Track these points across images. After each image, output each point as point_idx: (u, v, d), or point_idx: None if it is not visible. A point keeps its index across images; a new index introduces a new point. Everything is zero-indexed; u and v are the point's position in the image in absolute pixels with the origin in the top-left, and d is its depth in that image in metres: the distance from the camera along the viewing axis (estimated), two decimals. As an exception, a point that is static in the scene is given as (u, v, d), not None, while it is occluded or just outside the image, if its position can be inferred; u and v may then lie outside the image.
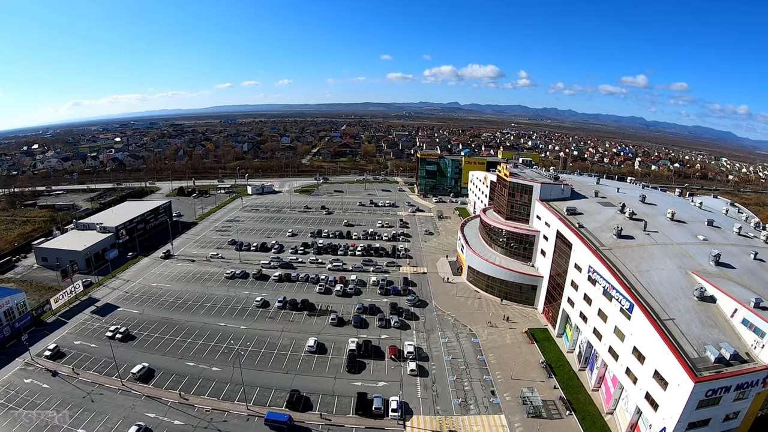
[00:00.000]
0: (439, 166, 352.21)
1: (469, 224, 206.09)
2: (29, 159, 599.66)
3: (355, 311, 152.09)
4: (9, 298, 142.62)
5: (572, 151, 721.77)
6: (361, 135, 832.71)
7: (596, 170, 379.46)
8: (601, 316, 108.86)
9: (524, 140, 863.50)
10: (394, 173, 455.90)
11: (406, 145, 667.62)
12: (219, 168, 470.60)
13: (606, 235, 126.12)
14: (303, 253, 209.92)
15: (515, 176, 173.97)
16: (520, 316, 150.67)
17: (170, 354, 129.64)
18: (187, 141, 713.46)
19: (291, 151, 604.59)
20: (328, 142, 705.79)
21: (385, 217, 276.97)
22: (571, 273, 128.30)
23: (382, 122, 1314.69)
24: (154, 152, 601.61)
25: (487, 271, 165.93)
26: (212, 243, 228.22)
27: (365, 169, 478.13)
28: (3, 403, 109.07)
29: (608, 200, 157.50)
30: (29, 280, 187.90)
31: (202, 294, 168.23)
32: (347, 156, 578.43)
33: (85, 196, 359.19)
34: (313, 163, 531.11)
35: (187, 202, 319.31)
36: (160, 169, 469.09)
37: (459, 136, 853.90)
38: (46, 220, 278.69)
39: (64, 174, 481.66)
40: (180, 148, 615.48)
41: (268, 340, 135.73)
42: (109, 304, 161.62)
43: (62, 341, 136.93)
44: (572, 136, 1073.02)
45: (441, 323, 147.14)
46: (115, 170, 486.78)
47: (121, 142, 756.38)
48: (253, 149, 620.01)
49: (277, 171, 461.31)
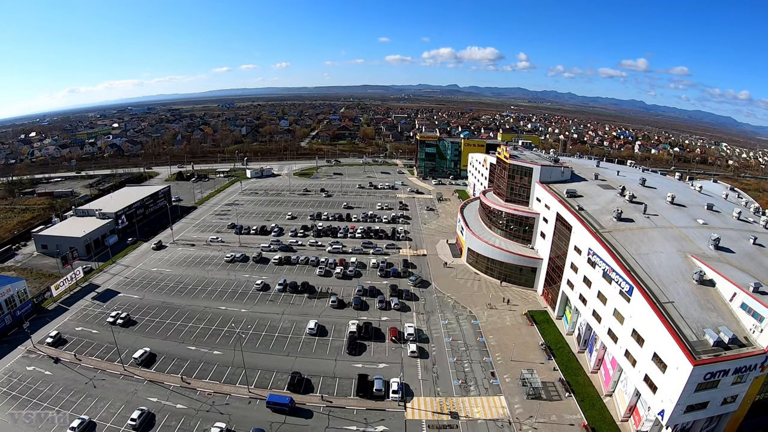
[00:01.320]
0: (438, 148, 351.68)
1: (468, 206, 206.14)
2: (27, 147, 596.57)
3: (356, 293, 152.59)
4: (10, 286, 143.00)
5: (572, 134, 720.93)
6: (360, 118, 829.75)
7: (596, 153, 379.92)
8: (600, 298, 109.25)
9: (524, 123, 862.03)
10: (393, 156, 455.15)
11: (405, 127, 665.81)
12: (217, 152, 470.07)
13: (606, 217, 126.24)
14: (303, 236, 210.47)
15: (515, 158, 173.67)
16: (520, 298, 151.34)
17: (171, 338, 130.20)
18: (185, 126, 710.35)
19: (289, 134, 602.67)
20: (326, 125, 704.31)
21: (384, 199, 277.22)
22: (571, 255, 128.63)
23: (380, 105, 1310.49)
24: (152, 137, 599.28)
25: (486, 253, 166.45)
26: (212, 227, 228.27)
27: (364, 151, 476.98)
28: (6, 391, 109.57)
29: (608, 183, 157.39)
30: (29, 267, 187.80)
31: (202, 278, 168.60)
32: (346, 139, 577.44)
33: (84, 182, 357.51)
34: (312, 146, 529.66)
35: (186, 187, 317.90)
36: (158, 154, 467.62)
37: (458, 119, 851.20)
38: (45, 207, 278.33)
39: (62, 161, 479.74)
40: (178, 133, 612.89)
41: (269, 323, 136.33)
42: (109, 290, 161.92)
43: (64, 328, 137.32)
44: (572, 119, 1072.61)
45: (441, 305, 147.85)
46: (113, 156, 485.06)
47: (118, 128, 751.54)
48: (251, 133, 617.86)
49: (275, 154, 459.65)
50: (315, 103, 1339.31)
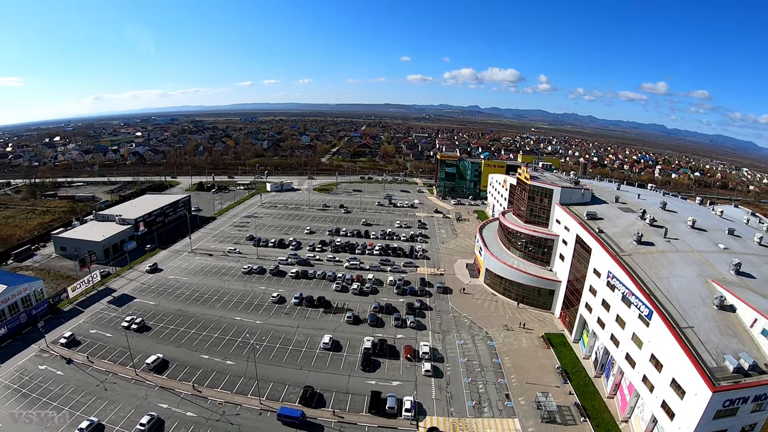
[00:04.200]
0: (458, 168, 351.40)
1: (487, 227, 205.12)
2: (51, 151, 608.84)
3: (372, 310, 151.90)
4: (26, 286, 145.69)
5: (592, 157, 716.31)
6: (381, 136, 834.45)
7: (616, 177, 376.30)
8: (619, 322, 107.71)
9: (544, 145, 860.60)
10: (413, 174, 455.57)
11: (425, 146, 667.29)
12: (238, 164, 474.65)
13: (626, 240, 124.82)
14: (320, 251, 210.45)
15: (535, 179, 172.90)
16: (537, 321, 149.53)
17: (185, 346, 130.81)
18: (208, 137, 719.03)
19: (310, 149, 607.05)
20: (347, 142, 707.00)
21: (403, 217, 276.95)
22: (590, 278, 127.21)
23: (402, 123, 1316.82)
24: (174, 147, 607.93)
25: (504, 274, 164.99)
26: (230, 238, 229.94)
27: (384, 169, 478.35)
28: (16, 388, 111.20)
29: (629, 206, 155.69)
30: (47, 268, 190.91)
31: (218, 288, 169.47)
32: (366, 156, 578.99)
33: (105, 188, 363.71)
34: (333, 162, 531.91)
35: (206, 197, 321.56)
36: (180, 164, 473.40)
37: (479, 139, 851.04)
38: (66, 210, 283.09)
39: (84, 166, 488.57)
40: (200, 144, 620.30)
41: (284, 336, 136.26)
42: (125, 295, 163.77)
43: (78, 329, 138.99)
44: (592, 142, 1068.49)
45: (457, 325, 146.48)
46: (135, 164, 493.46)
47: (141, 137, 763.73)
48: (272, 147, 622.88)
49: (296, 169, 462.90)
50: (336, 120, 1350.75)
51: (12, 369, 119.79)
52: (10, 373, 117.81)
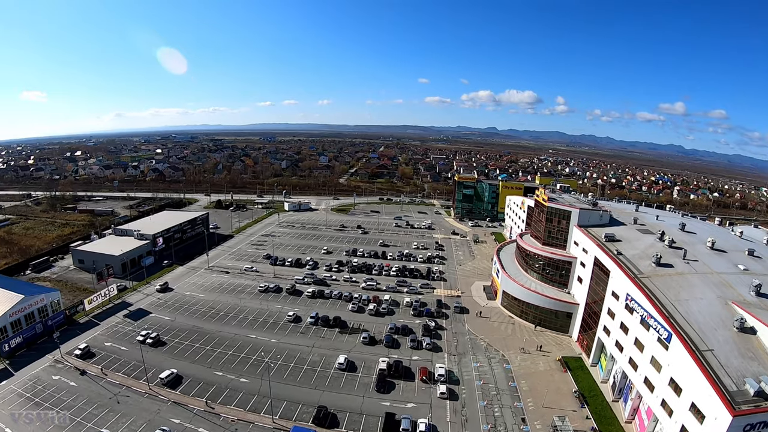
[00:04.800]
0: (476, 190, 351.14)
1: (505, 249, 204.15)
2: (72, 165, 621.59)
3: (387, 331, 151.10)
4: (44, 296, 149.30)
5: (610, 178, 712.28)
6: (399, 157, 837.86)
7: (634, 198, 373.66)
8: (637, 345, 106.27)
9: (562, 167, 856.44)
10: (430, 196, 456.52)
11: (443, 168, 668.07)
12: (257, 183, 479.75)
13: (645, 262, 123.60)
14: (337, 271, 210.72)
15: (553, 201, 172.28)
16: (554, 344, 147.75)
17: (199, 362, 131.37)
18: (227, 156, 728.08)
19: (329, 170, 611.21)
20: (365, 163, 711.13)
21: (420, 239, 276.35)
22: (608, 301, 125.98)
23: (419, 145, 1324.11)
24: (193, 165, 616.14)
25: (522, 297, 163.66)
26: (247, 256, 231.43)
27: (402, 190, 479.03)
28: (29, 397, 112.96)
29: (647, 227, 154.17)
30: (65, 280, 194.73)
31: (234, 305, 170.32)
32: (384, 177, 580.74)
33: (125, 203, 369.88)
34: (351, 182, 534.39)
35: (224, 215, 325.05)
36: (198, 181, 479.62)
37: (496, 161, 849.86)
38: (85, 224, 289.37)
39: (104, 181, 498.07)
40: (219, 163, 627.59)
41: (298, 355, 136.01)
42: (141, 309, 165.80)
43: (93, 342, 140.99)
44: (610, 164, 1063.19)
45: (473, 347, 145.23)
46: (154, 180, 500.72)
47: (162, 154, 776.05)
48: (291, 167, 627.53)
49: (314, 189, 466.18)
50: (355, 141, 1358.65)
51: (26, 378, 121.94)
52: (23, 382, 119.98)
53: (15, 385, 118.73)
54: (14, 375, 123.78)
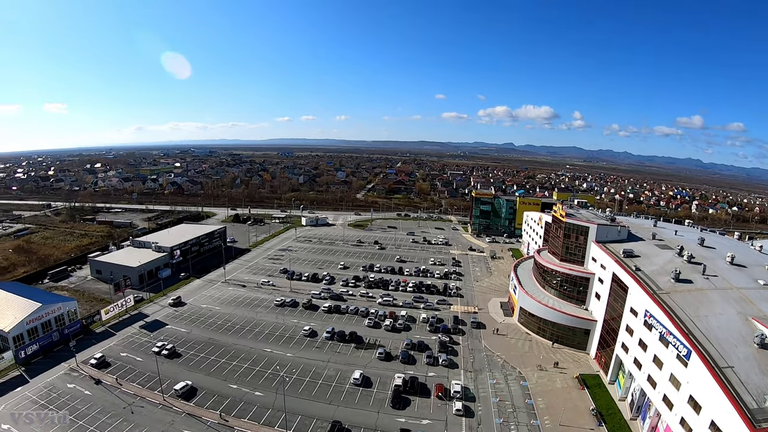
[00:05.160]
0: (493, 206, 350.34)
1: (522, 265, 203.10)
2: (91, 176, 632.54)
3: (404, 347, 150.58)
4: (61, 305, 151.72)
5: (628, 193, 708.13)
6: (416, 173, 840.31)
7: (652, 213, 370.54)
8: (656, 362, 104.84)
9: (579, 182, 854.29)
10: (448, 212, 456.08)
11: (460, 184, 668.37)
12: (274, 198, 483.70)
13: (663, 278, 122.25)
14: (354, 286, 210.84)
15: (571, 217, 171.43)
16: (572, 361, 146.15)
17: (214, 375, 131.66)
18: (245, 170, 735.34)
19: (346, 185, 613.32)
20: (382, 179, 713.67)
21: (437, 254, 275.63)
22: (627, 317, 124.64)
23: (437, 161, 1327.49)
24: (212, 179, 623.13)
25: (539, 313, 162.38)
26: (264, 270, 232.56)
27: (419, 206, 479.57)
28: (43, 404, 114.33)
29: (666, 243, 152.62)
30: (82, 290, 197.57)
31: (250, 319, 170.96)
32: (402, 193, 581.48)
33: (143, 215, 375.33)
34: (368, 198, 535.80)
35: (241, 229, 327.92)
36: (216, 195, 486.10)
37: (513, 177, 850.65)
38: (104, 235, 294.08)
39: (123, 193, 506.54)
40: (237, 177, 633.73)
41: (314, 370, 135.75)
42: (158, 321, 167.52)
43: (109, 351, 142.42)
44: (628, 179, 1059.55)
45: (490, 364, 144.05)
46: (173, 193, 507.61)
47: (180, 168, 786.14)
48: (308, 182, 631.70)
49: (331, 204, 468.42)
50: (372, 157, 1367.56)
51: (41, 385, 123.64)
52: (38, 389, 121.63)
53: (30, 391, 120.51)
54: (29, 382, 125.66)
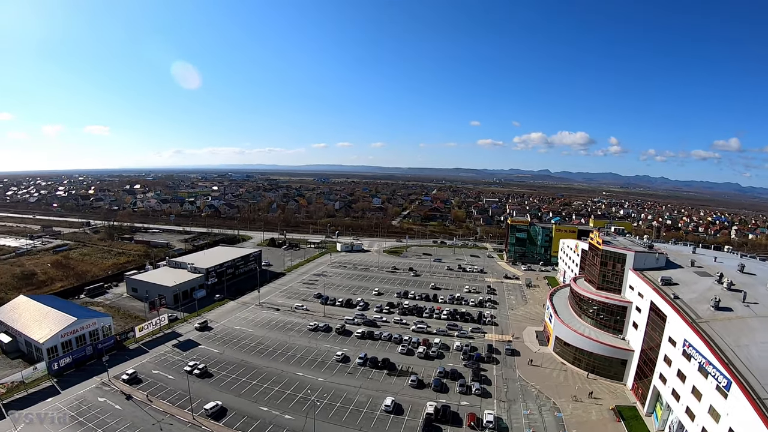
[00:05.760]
0: (529, 233, 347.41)
1: (558, 293, 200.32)
2: (131, 197, 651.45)
3: (436, 375, 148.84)
4: (96, 320, 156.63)
5: (666, 220, 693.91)
6: (452, 200, 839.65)
7: (691, 239, 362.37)
8: (695, 394, 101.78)
9: (616, 209, 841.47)
10: (483, 239, 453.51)
11: (496, 211, 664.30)
12: (310, 223, 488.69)
13: (702, 306, 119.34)
14: (388, 313, 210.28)
15: (608, 244, 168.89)
16: (607, 392, 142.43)
17: (245, 396, 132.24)
18: (281, 195, 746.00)
19: (381, 212, 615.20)
20: (418, 206, 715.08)
21: (472, 282, 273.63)
22: (665, 347, 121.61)
23: (472, 188, 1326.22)
24: (248, 203, 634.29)
25: (575, 343, 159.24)
26: (298, 294, 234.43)
27: (455, 233, 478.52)
28: (73, 416, 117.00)
29: (705, 270, 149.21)
30: (118, 307, 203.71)
31: (283, 342, 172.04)
32: (437, 220, 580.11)
33: (180, 236, 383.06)
34: (403, 225, 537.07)
35: (277, 253, 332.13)
36: (253, 219, 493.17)
37: (549, 204, 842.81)
38: (141, 254, 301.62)
39: (161, 214, 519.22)
40: (274, 202, 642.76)
41: (345, 395, 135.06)
42: (190, 340, 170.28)
43: (141, 368, 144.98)
44: (665, 205, 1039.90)
45: (524, 394, 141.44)
46: (210, 216, 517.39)
47: (218, 191, 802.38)
48: (344, 208, 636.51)
49: (366, 230, 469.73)
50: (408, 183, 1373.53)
51: (72, 397, 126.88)
52: (69, 401, 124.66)
53: (61, 403, 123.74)
54: (60, 393, 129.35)
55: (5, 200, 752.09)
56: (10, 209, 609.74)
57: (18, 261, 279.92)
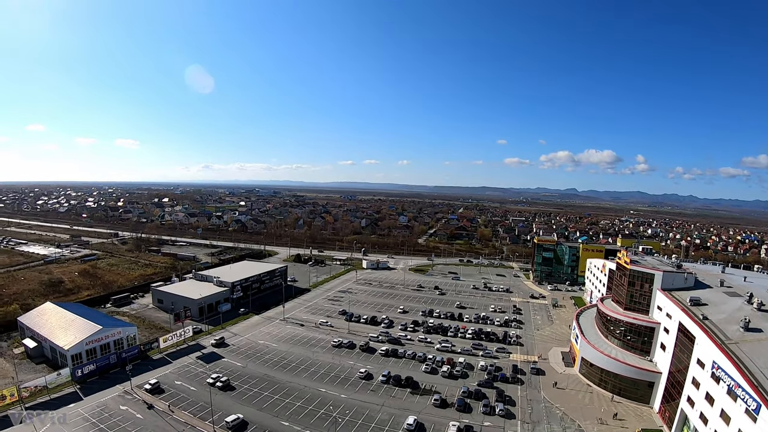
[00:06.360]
0: (555, 252, 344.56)
1: (584, 314, 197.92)
2: (159, 210, 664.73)
3: (460, 394, 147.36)
4: (120, 330, 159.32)
5: (694, 239, 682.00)
6: (478, 219, 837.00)
7: (720, 259, 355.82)
8: (723, 417, 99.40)
9: (643, 228, 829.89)
10: (509, 258, 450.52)
11: (522, 230, 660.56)
12: (336, 240, 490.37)
13: (732, 327, 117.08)
14: (412, 331, 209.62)
15: (636, 263, 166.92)
16: (634, 415, 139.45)
17: (267, 410, 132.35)
18: (308, 212, 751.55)
19: (408, 230, 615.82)
20: (444, 224, 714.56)
21: (498, 302, 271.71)
22: (693, 369, 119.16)
23: (499, 207, 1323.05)
24: (275, 219, 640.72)
25: (601, 364, 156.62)
26: (323, 311, 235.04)
27: (481, 252, 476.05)
28: (94, 423, 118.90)
29: (734, 290, 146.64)
30: (143, 317, 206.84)
31: (306, 358, 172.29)
32: (463, 239, 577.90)
33: (206, 250, 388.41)
34: (429, 243, 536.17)
35: (302, 269, 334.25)
36: (279, 235, 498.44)
37: (576, 223, 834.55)
38: (167, 266, 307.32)
39: (189, 228, 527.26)
40: (300, 218, 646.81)
41: (367, 413, 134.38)
42: (214, 353, 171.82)
43: (164, 378, 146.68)
44: (694, 224, 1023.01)
45: (548, 416, 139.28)
46: (236, 231, 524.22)
47: (245, 206, 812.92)
48: (370, 225, 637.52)
49: (392, 248, 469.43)
50: (434, 202, 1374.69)
51: (94, 404, 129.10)
52: (91, 407, 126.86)
53: (83, 409, 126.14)
54: (83, 399, 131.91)
55: (36, 209, 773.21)
56: (41, 218, 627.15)
57: (46, 269, 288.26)
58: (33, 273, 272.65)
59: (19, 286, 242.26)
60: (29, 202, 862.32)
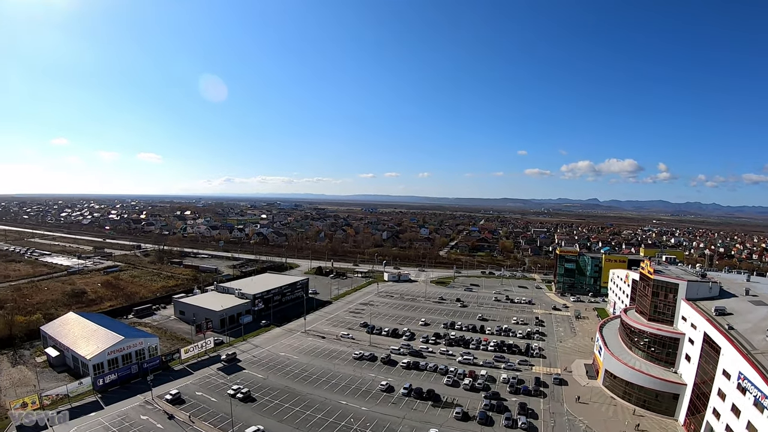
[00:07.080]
0: (577, 263, 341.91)
1: (608, 325, 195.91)
2: (181, 222, 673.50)
3: (482, 407, 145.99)
4: (142, 340, 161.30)
5: (718, 247, 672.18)
6: (499, 230, 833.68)
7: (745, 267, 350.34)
8: (750, 430, 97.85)
9: (666, 237, 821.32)
10: (531, 270, 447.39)
11: (544, 241, 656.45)
12: (357, 253, 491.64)
13: (758, 337, 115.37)
14: (434, 343, 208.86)
15: (659, 273, 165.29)
16: (658, 428, 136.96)
17: (287, 422, 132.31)
18: (329, 224, 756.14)
19: (429, 242, 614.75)
20: (466, 236, 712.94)
21: (520, 314, 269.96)
22: (719, 380, 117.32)
23: (520, 218, 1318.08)
24: (296, 231, 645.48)
25: (625, 376, 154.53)
26: (344, 323, 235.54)
27: (503, 264, 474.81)
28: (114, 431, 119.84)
29: (760, 298, 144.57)
30: (165, 328, 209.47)
31: (327, 370, 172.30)
32: (485, 251, 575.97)
33: (228, 262, 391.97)
34: (451, 255, 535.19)
35: (323, 282, 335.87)
36: (300, 247, 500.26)
37: (598, 234, 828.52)
38: (189, 278, 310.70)
39: (210, 240, 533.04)
40: (321, 231, 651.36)
41: (388, 425, 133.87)
42: (235, 365, 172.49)
43: (185, 389, 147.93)
44: (717, 232, 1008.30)
45: (571, 429, 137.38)
46: (258, 243, 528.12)
47: (266, 219, 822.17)
48: (391, 238, 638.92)
49: (414, 261, 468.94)
50: (455, 214, 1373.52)
51: (115, 413, 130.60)
52: (112, 417, 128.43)
53: (103, 418, 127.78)
54: (104, 409, 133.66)
55: (60, 221, 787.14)
56: (64, 230, 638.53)
57: (69, 279, 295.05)
58: (56, 283, 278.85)
59: (43, 296, 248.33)
60: (53, 214, 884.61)
